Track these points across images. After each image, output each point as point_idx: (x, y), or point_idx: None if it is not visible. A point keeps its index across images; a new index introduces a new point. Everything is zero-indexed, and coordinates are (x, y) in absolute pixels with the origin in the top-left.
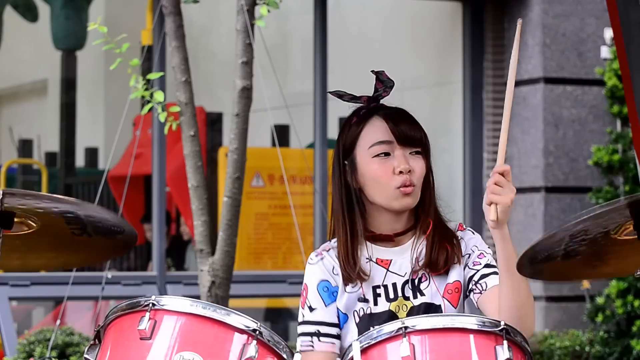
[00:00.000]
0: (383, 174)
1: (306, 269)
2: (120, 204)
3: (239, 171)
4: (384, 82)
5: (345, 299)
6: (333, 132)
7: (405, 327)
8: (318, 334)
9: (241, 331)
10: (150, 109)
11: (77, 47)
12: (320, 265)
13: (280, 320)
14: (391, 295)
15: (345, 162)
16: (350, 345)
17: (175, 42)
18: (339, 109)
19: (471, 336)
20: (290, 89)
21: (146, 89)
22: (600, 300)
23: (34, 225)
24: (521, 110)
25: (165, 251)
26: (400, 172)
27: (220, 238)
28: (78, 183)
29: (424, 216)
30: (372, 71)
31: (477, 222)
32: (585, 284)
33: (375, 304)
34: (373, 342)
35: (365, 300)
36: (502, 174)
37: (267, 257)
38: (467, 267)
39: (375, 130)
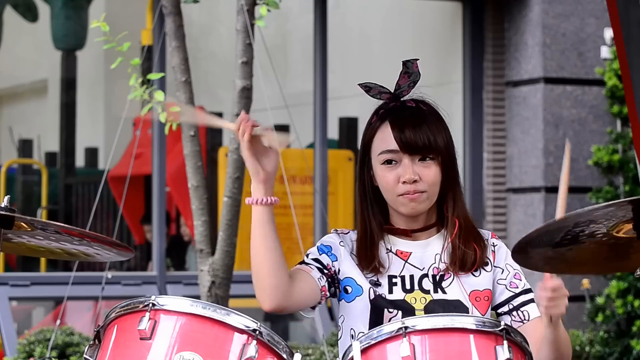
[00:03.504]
0: (389, 181)
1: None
2: (120, 204)
3: (239, 171)
4: (410, 76)
5: (358, 275)
6: (333, 132)
7: (406, 327)
8: (303, 262)
9: (241, 331)
10: (150, 109)
11: (77, 46)
12: (335, 237)
13: (280, 320)
14: (407, 287)
15: (366, 159)
16: (351, 345)
17: (175, 42)
18: (339, 109)
19: (471, 336)
20: (290, 89)
21: (146, 88)
22: (600, 300)
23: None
24: (521, 110)
25: (165, 251)
26: (404, 182)
27: (220, 238)
28: (78, 183)
29: (450, 215)
30: (404, 61)
31: (477, 222)
32: (585, 283)
33: (390, 292)
34: (373, 342)
35: (377, 284)
36: (555, 289)
37: None
38: (501, 284)
39: (384, 138)
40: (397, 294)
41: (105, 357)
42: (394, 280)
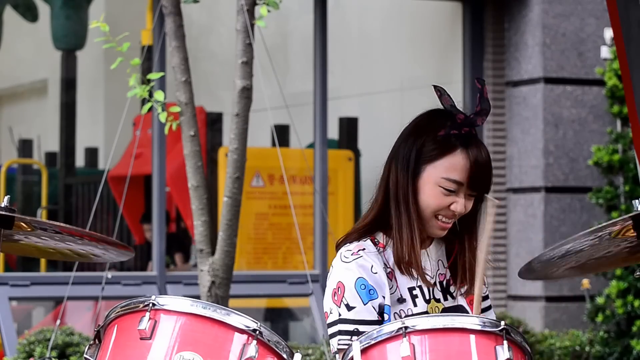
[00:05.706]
0: (440, 204)
1: (339, 267)
2: (120, 204)
3: (239, 171)
4: (482, 104)
5: (388, 298)
6: (333, 132)
7: (406, 327)
8: (357, 333)
9: (241, 331)
10: (150, 109)
11: (77, 46)
12: (357, 263)
13: (280, 320)
14: (426, 297)
15: (419, 168)
16: (351, 345)
17: (175, 42)
18: (339, 109)
19: (471, 336)
20: (290, 89)
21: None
22: (600, 300)
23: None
24: (521, 110)
25: (165, 251)
26: (453, 213)
27: (220, 238)
28: (78, 183)
29: (461, 229)
30: (477, 79)
31: None
32: (585, 284)
33: (415, 305)
34: (373, 342)
35: (403, 301)
36: None
37: (267, 257)
38: None
39: (455, 166)
40: (421, 306)
41: (105, 357)
42: (413, 292)
